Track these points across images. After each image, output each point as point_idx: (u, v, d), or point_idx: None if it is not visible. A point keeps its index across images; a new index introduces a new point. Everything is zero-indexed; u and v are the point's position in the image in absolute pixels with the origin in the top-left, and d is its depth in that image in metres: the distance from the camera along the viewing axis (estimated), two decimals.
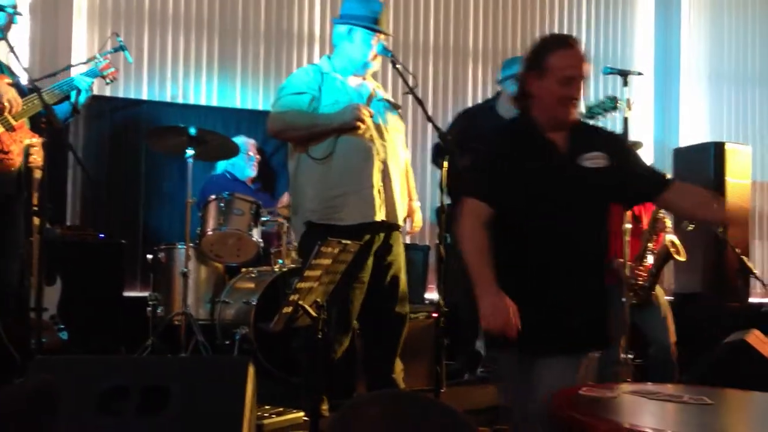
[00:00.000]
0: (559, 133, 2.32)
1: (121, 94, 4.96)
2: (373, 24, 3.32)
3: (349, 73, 3.37)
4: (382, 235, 3.28)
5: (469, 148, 4.15)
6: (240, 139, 4.67)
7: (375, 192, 3.19)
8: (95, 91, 4.57)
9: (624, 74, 3.72)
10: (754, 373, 3.07)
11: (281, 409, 3.01)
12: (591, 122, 4.12)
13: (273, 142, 4.87)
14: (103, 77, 3.81)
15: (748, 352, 3.17)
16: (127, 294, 4.61)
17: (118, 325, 4.27)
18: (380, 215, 3.20)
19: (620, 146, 2.49)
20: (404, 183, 3.41)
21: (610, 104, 3.87)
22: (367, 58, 3.33)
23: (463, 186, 2.97)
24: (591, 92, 6.02)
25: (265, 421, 2.84)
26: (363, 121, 3.17)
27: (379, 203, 3.20)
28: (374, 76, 3.42)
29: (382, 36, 3.36)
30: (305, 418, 2.97)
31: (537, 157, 2.29)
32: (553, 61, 2.23)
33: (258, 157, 4.76)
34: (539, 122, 2.32)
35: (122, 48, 4.18)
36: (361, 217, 3.17)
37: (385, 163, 3.25)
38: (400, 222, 3.34)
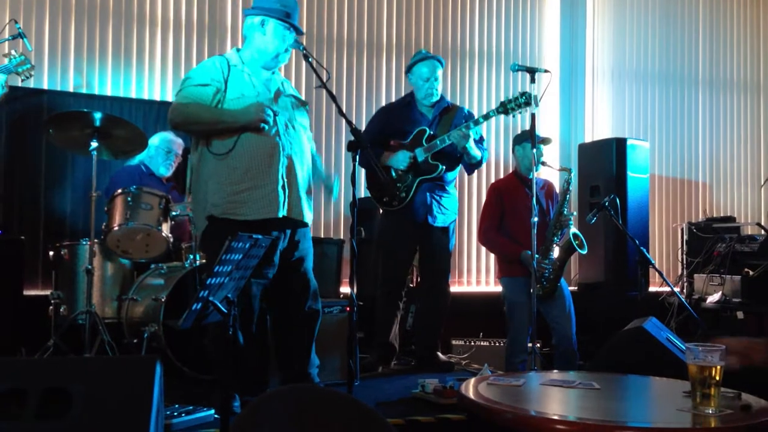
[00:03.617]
0: None
1: (19, 83, 4.73)
2: (285, 18, 3.29)
3: (258, 65, 3.31)
4: (288, 232, 3.26)
5: (388, 146, 4.22)
6: (165, 136, 4.49)
7: (279, 188, 3.14)
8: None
9: (531, 71, 3.82)
10: (651, 359, 3.23)
11: (191, 407, 2.95)
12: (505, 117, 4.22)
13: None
14: (18, 74, 3.65)
15: (645, 339, 3.32)
16: (27, 293, 4.41)
17: (17, 325, 4.07)
18: (283, 211, 3.16)
19: None
20: (310, 179, 3.36)
21: (523, 100, 3.98)
22: (279, 51, 3.29)
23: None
24: (502, 89, 6.19)
25: (174, 421, 2.78)
26: (267, 122, 3.11)
27: (283, 199, 3.16)
28: (287, 69, 3.38)
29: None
30: (216, 416, 2.93)
31: None
32: None
33: (180, 158, 4.57)
34: None
35: (21, 35, 4.00)
36: (264, 213, 3.13)
37: (290, 159, 3.19)
38: (305, 218, 3.28)
